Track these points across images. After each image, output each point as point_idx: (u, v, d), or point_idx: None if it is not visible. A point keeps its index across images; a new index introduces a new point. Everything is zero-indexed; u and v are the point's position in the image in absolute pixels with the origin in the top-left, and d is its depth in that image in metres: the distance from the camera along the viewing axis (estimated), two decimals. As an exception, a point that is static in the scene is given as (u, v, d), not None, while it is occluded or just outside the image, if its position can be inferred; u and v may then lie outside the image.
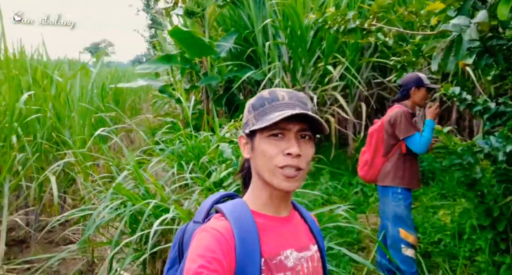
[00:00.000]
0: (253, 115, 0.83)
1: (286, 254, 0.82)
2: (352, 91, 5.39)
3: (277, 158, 0.79)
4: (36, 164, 3.39)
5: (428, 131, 2.43)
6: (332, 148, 4.80)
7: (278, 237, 0.83)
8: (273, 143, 0.80)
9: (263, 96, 0.84)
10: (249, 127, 0.83)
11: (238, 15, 5.57)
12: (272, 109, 0.80)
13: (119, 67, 13.29)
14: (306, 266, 0.85)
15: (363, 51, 5.44)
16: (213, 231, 0.76)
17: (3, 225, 2.65)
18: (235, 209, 0.82)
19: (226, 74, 5.23)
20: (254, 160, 0.84)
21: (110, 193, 2.14)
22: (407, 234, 2.47)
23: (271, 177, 0.80)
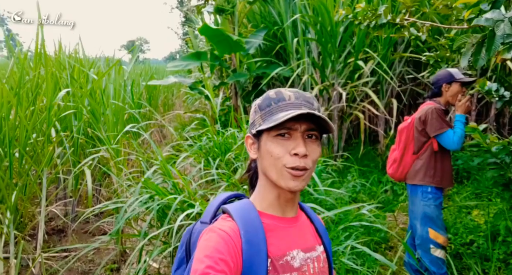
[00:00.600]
0: (259, 116, 0.83)
1: (292, 255, 0.82)
2: (384, 87, 5.23)
3: (284, 158, 0.79)
4: (73, 158, 3.58)
5: (460, 127, 2.34)
6: (361, 145, 4.70)
7: (285, 238, 0.83)
8: (279, 143, 0.79)
9: (270, 97, 0.83)
10: (255, 128, 0.83)
11: (267, 11, 5.56)
12: (279, 109, 0.80)
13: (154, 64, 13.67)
14: (312, 266, 0.85)
15: (396, 45, 5.26)
16: (220, 231, 0.76)
17: (42, 215, 2.82)
18: (242, 210, 0.82)
19: (254, 70, 5.25)
20: (261, 160, 0.83)
21: (139, 187, 2.23)
22: (437, 235, 2.40)
23: (278, 177, 0.80)
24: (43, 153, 3.18)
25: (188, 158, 3.09)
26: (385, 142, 5.18)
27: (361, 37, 4.68)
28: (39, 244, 2.76)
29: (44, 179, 2.94)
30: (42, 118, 3.40)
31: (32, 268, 2.62)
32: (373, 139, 5.79)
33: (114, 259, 3.03)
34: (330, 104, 4.89)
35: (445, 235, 2.44)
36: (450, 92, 2.43)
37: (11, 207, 2.64)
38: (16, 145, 3.02)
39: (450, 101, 2.46)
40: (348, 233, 2.67)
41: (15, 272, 2.33)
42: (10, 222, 2.58)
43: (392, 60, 5.15)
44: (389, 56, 4.99)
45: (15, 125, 2.94)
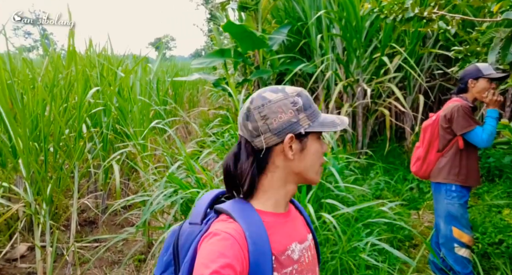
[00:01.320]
0: (305, 116, 0.82)
1: (292, 248, 0.84)
2: (411, 83, 5.10)
3: (322, 157, 0.88)
4: (102, 153, 3.73)
5: (490, 123, 2.25)
6: (387, 142, 4.61)
7: (284, 233, 0.84)
8: (320, 142, 0.87)
9: (306, 96, 0.86)
10: (304, 128, 0.81)
11: (291, 7, 5.53)
12: (317, 111, 0.87)
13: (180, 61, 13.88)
14: (307, 255, 0.88)
15: (425, 39, 5.11)
16: (224, 234, 0.74)
17: (74, 207, 2.97)
18: (242, 210, 0.81)
19: (278, 67, 5.24)
20: (301, 160, 0.83)
21: (163, 181, 2.30)
22: (461, 233, 2.35)
23: (316, 174, 0.87)
24: (75, 148, 3.33)
25: (211, 154, 3.15)
26: (412, 139, 5.05)
27: (388, 32, 4.57)
28: (72, 234, 2.91)
29: (76, 173, 3.09)
30: (74, 115, 3.57)
31: (66, 256, 2.77)
32: (399, 135, 5.66)
33: (142, 250, 3.15)
34: (354, 101, 4.82)
35: (470, 234, 2.39)
36: (476, 88, 2.34)
37: (46, 198, 2.80)
38: (50, 140, 3.18)
39: (478, 98, 2.37)
40: (370, 229, 2.65)
41: (51, 259, 2.47)
42: (46, 213, 2.73)
43: (420, 55, 5.00)
44: (417, 51, 4.85)
45: (49, 121, 3.10)
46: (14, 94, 2.94)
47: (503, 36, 1.50)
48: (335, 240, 2.07)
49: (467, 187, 2.39)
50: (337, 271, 1.91)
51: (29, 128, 2.95)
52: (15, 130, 2.74)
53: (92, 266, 2.96)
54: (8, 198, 3.23)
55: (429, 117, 2.62)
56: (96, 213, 3.89)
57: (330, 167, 2.40)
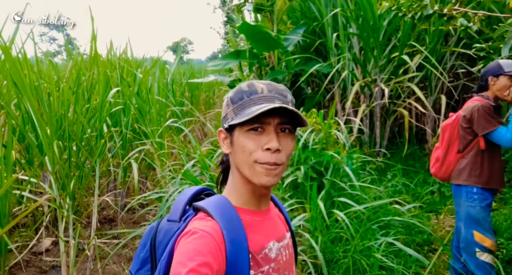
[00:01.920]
0: (231, 109, 0.81)
1: (269, 247, 0.83)
2: (432, 83, 4.97)
3: (256, 153, 0.77)
4: (122, 152, 3.84)
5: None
6: (406, 143, 4.51)
7: (262, 231, 0.83)
8: (252, 137, 0.77)
9: (242, 89, 0.81)
10: (228, 122, 0.81)
11: (307, 7, 5.51)
12: (251, 103, 0.78)
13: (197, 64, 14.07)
14: (285, 254, 0.86)
15: (448, 38, 4.98)
16: (202, 232, 0.73)
17: (95, 203, 3.07)
18: (220, 207, 0.79)
19: (293, 67, 5.23)
20: (234, 155, 0.81)
21: (179, 178, 2.35)
22: (483, 238, 2.25)
23: (251, 173, 0.78)
24: (96, 147, 3.44)
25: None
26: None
27: (406, 30, 4.49)
28: (93, 229, 3.00)
29: (97, 170, 3.19)
30: (96, 115, 3.69)
31: (87, 251, 2.87)
32: (420, 137, 5.53)
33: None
34: (372, 101, 4.75)
35: (493, 238, 2.28)
36: (497, 86, 2.25)
37: (70, 194, 2.91)
38: (73, 139, 3.30)
39: (498, 95, 2.27)
40: (386, 231, 2.60)
41: (73, 252, 2.56)
42: (69, 207, 2.84)
43: (442, 54, 4.87)
44: (439, 50, 4.73)
45: (73, 121, 3.22)
46: (41, 96, 3.07)
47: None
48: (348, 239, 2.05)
49: (489, 189, 2.30)
50: (349, 270, 1.88)
51: (54, 127, 3.07)
52: (42, 129, 2.86)
53: (111, 262, 3.04)
54: (35, 193, 3.38)
55: (449, 117, 2.56)
56: (116, 211, 4.00)
57: (344, 166, 2.38)
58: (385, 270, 2.24)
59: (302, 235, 2.19)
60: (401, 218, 2.33)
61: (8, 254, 2.91)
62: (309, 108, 4.48)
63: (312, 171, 2.40)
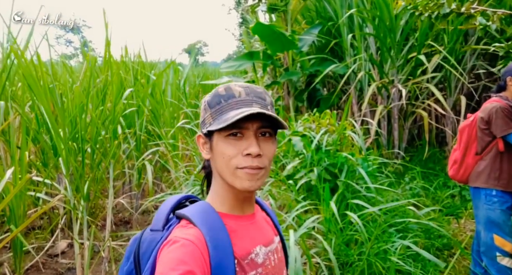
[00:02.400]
0: (209, 114, 0.79)
1: (256, 251, 0.80)
2: (452, 84, 4.82)
3: (236, 159, 0.75)
4: (136, 154, 3.85)
5: None
6: (426, 146, 4.38)
7: (247, 236, 0.81)
8: (231, 143, 0.75)
9: (219, 93, 0.79)
10: (206, 127, 0.79)
11: (322, 7, 5.44)
12: (229, 107, 0.76)
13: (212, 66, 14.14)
14: (273, 258, 0.84)
15: (467, 37, 4.82)
16: (184, 241, 0.71)
17: (110, 203, 3.08)
18: (203, 214, 0.77)
19: (307, 68, 5.17)
20: (214, 161, 0.79)
21: (192, 179, 2.33)
22: (504, 242, 2.18)
23: (232, 179, 0.76)
24: (110, 148, 3.47)
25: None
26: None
27: (424, 30, 4.37)
28: (108, 230, 3.01)
29: (111, 172, 3.21)
30: (110, 117, 3.72)
31: (102, 252, 2.88)
32: (440, 140, 5.37)
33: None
34: (389, 102, 4.64)
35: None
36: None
37: (84, 195, 2.93)
38: (88, 140, 3.33)
39: None
40: (403, 234, 2.52)
41: (88, 253, 2.57)
42: (83, 209, 2.86)
43: (461, 54, 4.72)
44: (458, 49, 4.59)
45: (87, 123, 3.25)
46: (55, 98, 3.10)
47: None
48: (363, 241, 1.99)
49: (509, 192, 2.23)
50: (364, 273, 1.82)
51: (69, 129, 3.11)
52: (56, 131, 2.89)
53: (125, 264, 3.04)
54: (51, 194, 3.42)
55: (467, 118, 2.48)
56: (131, 213, 4.01)
57: (359, 168, 2.31)
58: (402, 274, 2.16)
59: (316, 238, 2.14)
60: (417, 220, 2.25)
61: (24, 256, 2.94)
62: (323, 109, 4.42)
63: (326, 173, 2.34)
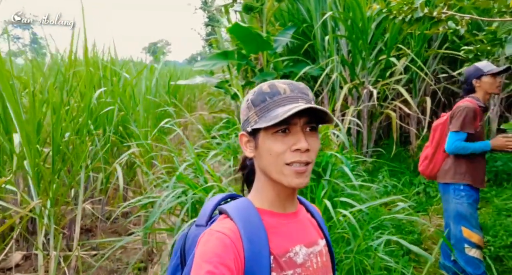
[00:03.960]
0: (254, 112, 0.79)
1: (295, 251, 0.80)
2: (417, 86, 5.07)
3: (285, 155, 0.76)
4: (105, 155, 3.65)
5: (473, 146, 2.28)
6: (394, 144, 4.56)
7: (287, 234, 0.81)
8: (279, 139, 0.76)
9: (263, 91, 0.79)
10: (251, 125, 0.79)
11: (296, 9, 5.50)
12: (275, 104, 0.77)
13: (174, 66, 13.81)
14: (315, 261, 0.83)
15: (431, 42, 5.10)
16: (218, 234, 0.74)
17: (79, 210, 2.91)
18: (240, 209, 0.79)
19: (282, 69, 5.20)
20: (260, 159, 0.80)
21: (173, 181, 2.24)
22: (471, 233, 2.32)
23: (280, 176, 0.77)
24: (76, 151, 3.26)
25: (216, 156, 3.09)
26: (417, 142, 5.00)
27: (394, 34, 4.55)
28: (76, 238, 2.83)
29: (82, 175, 3.03)
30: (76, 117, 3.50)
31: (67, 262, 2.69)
32: (404, 139, 5.62)
33: (141, 259, 3.07)
34: (359, 103, 4.78)
35: (480, 234, 2.35)
36: (484, 86, 2.37)
37: (52, 201, 2.74)
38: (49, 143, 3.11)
39: (491, 92, 2.38)
40: (379, 231, 2.60)
41: (54, 264, 2.39)
42: (50, 215, 2.67)
43: (426, 58, 4.98)
44: (423, 54, 4.83)
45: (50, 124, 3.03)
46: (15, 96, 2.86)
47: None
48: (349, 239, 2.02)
49: (475, 187, 2.38)
50: (352, 271, 1.85)
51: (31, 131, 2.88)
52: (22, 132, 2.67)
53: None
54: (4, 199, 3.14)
55: (441, 117, 2.61)
56: (93, 220, 3.81)
57: (343, 166, 2.35)
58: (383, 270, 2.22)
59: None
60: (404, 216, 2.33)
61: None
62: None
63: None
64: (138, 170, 3.73)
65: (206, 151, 3.16)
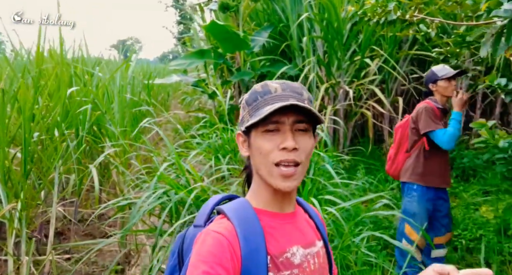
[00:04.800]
0: (247, 111, 0.80)
1: (292, 251, 0.80)
2: (389, 86, 5.25)
3: (272, 154, 0.76)
4: (80, 156, 3.52)
5: (453, 125, 2.34)
6: (370, 143, 4.71)
7: (284, 234, 0.81)
8: (267, 138, 0.77)
9: (256, 90, 0.81)
10: (244, 124, 0.80)
11: (271, 9, 5.53)
12: (265, 103, 0.77)
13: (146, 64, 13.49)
14: (313, 262, 0.83)
15: (401, 44, 5.28)
16: (214, 234, 0.74)
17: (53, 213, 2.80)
18: (237, 209, 0.80)
19: (259, 69, 5.22)
20: (253, 158, 0.81)
21: (154, 181, 2.19)
22: (411, 231, 2.42)
23: (269, 177, 0.77)
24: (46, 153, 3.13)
25: (197, 156, 3.06)
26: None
27: (368, 35, 4.68)
28: (50, 241, 2.73)
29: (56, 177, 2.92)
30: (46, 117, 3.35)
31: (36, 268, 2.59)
32: (377, 138, 5.79)
33: (118, 261, 2.99)
34: (336, 103, 4.88)
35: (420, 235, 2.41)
36: (440, 90, 2.44)
37: (23, 203, 2.62)
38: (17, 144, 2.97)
39: (448, 95, 2.45)
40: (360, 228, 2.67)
41: (26, 270, 2.28)
42: (22, 218, 2.55)
43: (397, 59, 5.16)
44: (395, 55, 5.00)
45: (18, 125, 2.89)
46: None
47: (494, 32, 1.56)
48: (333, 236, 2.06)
49: (431, 187, 2.44)
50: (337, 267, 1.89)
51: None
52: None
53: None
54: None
55: (404, 118, 2.72)
56: (64, 223, 3.67)
57: (327, 165, 2.40)
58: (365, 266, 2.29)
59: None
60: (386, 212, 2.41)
61: None
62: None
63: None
64: (113, 170, 3.62)
65: (186, 151, 3.13)
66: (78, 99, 3.60)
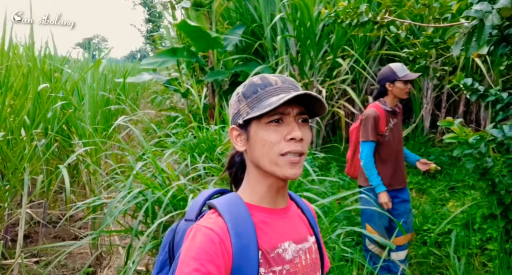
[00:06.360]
0: (245, 104, 0.79)
1: (284, 247, 0.80)
2: (360, 85, 5.39)
3: (279, 145, 0.76)
4: (50, 156, 3.38)
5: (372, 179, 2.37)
6: (343, 141, 4.82)
7: (276, 229, 0.81)
8: (272, 129, 0.76)
9: (254, 83, 0.80)
10: (242, 117, 0.79)
11: (244, 8, 5.53)
12: (268, 94, 0.77)
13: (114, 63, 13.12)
14: (304, 258, 0.83)
15: (371, 45, 5.44)
16: (205, 230, 0.73)
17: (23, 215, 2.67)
18: (229, 204, 0.79)
19: (232, 68, 5.20)
20: (251, 151, 0.80)
21: (130, 181, 2.13)
22: (373, 231, 2.45)
23: (274, 167, 0.77)
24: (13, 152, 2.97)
25: (172, 155, 3.01)
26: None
27: (340, 36, 4.79)
28: (19, 244, 2.62)
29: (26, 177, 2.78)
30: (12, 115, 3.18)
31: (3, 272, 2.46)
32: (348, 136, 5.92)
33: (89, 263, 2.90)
34: (308, 102, 4.95)
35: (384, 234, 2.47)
36: (395, 90, 2.38)
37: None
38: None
39: (400, 97, 2.42)
40: (335, 224, 2.72)
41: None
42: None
43: (367, 59, 5.31)
44: (365, 55, 5.15)
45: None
46: None
47: (466, 32, 1.64)
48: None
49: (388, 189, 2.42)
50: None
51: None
52: None
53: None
54: None
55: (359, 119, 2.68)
56: (31, 226, 3.51)
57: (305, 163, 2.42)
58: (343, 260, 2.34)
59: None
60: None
61: None
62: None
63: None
64: (84, 171, 3.50)
65: (160, 150, 3.07)
66: (48, 97, 3.44)
